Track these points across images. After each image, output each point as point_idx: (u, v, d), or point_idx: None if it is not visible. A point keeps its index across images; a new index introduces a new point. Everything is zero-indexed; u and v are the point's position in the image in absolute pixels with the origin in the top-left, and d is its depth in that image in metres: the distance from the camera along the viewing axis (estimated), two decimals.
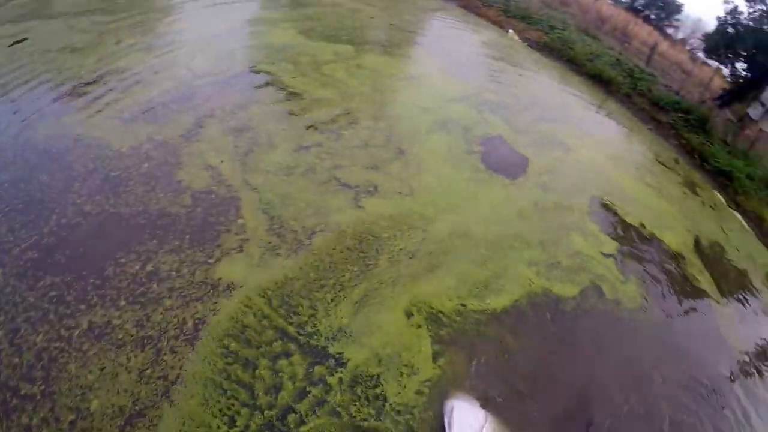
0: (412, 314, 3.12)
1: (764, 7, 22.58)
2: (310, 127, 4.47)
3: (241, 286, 2.87)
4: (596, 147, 7.10)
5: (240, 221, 3.26)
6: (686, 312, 4.69)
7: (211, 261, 2.97)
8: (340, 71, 5.73)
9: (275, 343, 2.67)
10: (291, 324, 2.78)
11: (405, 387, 2.71)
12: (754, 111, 9.77)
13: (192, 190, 3.39)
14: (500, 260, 3.84)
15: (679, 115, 10.15)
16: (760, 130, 9.88)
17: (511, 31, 11.76)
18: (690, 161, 9.02)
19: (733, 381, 4.18)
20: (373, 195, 3.91)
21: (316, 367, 2.63)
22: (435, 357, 2.93)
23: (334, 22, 7.83)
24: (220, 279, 2.88)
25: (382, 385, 2.68)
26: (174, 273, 2.85)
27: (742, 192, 8.74)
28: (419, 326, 3.06)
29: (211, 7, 7.33)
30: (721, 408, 3.81)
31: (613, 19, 26.22)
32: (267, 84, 5.10)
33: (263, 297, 2.86)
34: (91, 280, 2.74)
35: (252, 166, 3.78)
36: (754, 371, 4.51)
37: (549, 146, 5.97)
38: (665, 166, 8.00)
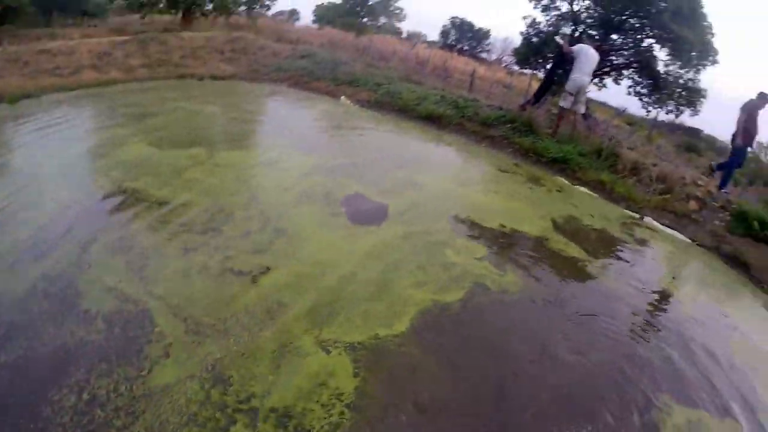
0: (330, 350, 3.59)
1: (558, 13, 26.03)
2: (189, 231, 4.86)
3: (176, 385, 3.18)
4: (444, 177, 8.12)
5: (157, 329, 3.57)
6: (565, 277, 5.58)
7: (144, 373, 3.24)
8: (200, 173, 6.17)
9: (220, 416, 3.00)
10: (229, 396, 3.14)
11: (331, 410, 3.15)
12: (564, 102, 11.46)
13: (102, 314, 3.65)
14: (391, 292, 4.43)
15: (507, 125, 11.62)
16: (574, 113, 11.55)
17: (343, 97, 12.92)
18: (528, 161, 10.41)
19: (635, 315, 5.06)
20: (266, 273, 4.36)
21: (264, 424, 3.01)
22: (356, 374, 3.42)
23: (180, 128, 8.32)
24: (157, 385, 3.17)
25: (307, 414, 3.10)
26: (113, 394, 3.10)
27: (579, 168, 10.24)
28: (339, 355, 3.55)
29: (42, 134, 7.52)
30: (631, 336, 4.64)
31: (431, 60, 28.70)
32: (137, 199, 5.42)
33: (200, 385, 3.19)
34: (31, 426, 2.85)
35: (150, 278, 4.11)
36: (644, 306, 5.42)
37: (403, 189, 6.80)
38: (507, 172, 9.23)
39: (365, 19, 50.32)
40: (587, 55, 11.41)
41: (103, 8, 32.97)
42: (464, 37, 77.30)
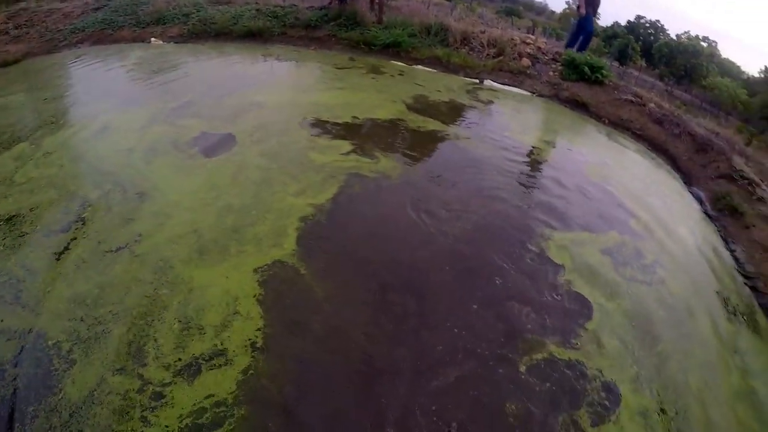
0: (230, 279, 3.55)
1: None
2: (50, 235, 4.33)
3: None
4: (283, 88, 7.89)
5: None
6: (430, 149, 5.89)
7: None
8: (34, 170, 5.23)
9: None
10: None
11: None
12: None
13: None
14: (271, 207, 4.36)
15: (331, 23, 11.38)
16: None
17: (152, 39, 11.68)
18: (361, 53, 10.38)
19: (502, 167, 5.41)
20: (140, 241, 4.05)
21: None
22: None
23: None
24: None
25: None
26: None
27: (413, 49, 10.47)
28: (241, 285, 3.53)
29: None
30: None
31: None
32: None
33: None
34: None
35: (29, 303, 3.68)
36: (507, 157, 5.82)
37: (245, 112, 6.46)
38: (346, 68, 9.18)
39: None
40: None
41: None
42: None
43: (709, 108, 36.26)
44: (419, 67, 9.97)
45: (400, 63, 10.02)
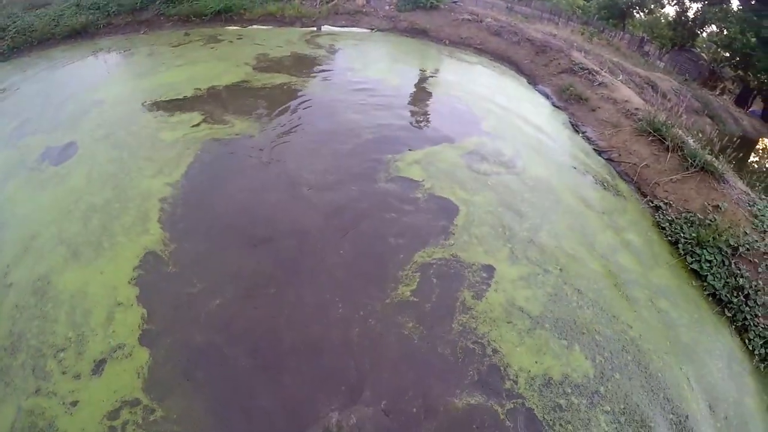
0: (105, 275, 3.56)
1: None
2: None
3: None
4: (120, 80, 7.57)
5: None
6: (282, 102, 5.96)
7: None
8: None
9: None
10: None
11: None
12: None
13: None
14: (132, 195, 4.34)
15: (158, 2, 10.85)
16: None
17: None
18: (196, 25, 10.16)
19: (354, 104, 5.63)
20: (16, 265, 3.87)
21: None
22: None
23: None
24: None
25: None
26: None
27: (245, 11, 10.58)
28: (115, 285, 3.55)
29: None
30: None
31: None
32: None
33: None
34: None
35: None
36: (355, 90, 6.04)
37: (83, 115, 6.15)
38: (181, 44, 8.98)
39: None
40: None
41: None
42: None
43: (549, 16, 38.29)
44: (255, 27, 9.85)
45: (235, 27, 9.85)
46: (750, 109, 37.84)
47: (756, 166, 7.54)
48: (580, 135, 6.81)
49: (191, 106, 5.93)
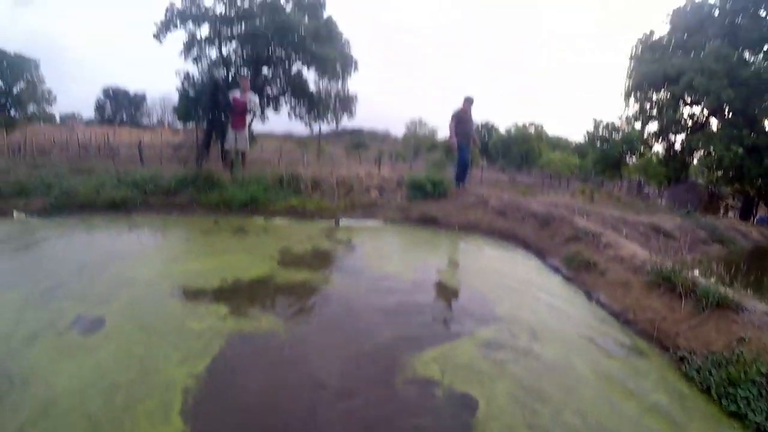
0: None
1: (209, 61, 27.07)
2: None
3: None
4: (152, 260, 8.21)
5: None
6: (304, 299, 6.30)
7: None
8: None
9: None
10: None
11: None
12: (227, 144, 12.99)
13: None
14: (157, 380, 4.59)
15: (190, 188, 12.15)
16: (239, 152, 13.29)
17: (15, 212, 11.55)
18: (224, 213, 11.28)
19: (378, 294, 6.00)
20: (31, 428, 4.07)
21: None
22: None
23: None
24: None
25: None
26: None
27: (269, 203, 11.84)
28: None
29: None
30: None
31: (94, 141, 27.30)
32: None
33: None
34: None
35: None
36: (376, 281, 6.45)
37: (118, 291, 6.61)
38: (211, 232, 9.89)
39: (13, 112, 44.74)
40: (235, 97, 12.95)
41: None
42: (121, 106, 74.58)
43: (549, 182, 41.63)
44: (278, 219, 10.89)
45: (260, 218, 10.85)
46: (757, 217, 38.66)
47: None
48: (594, 302, 7.10)
49: (219, 296, 6.36)
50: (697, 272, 7.12)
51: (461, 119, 12.94)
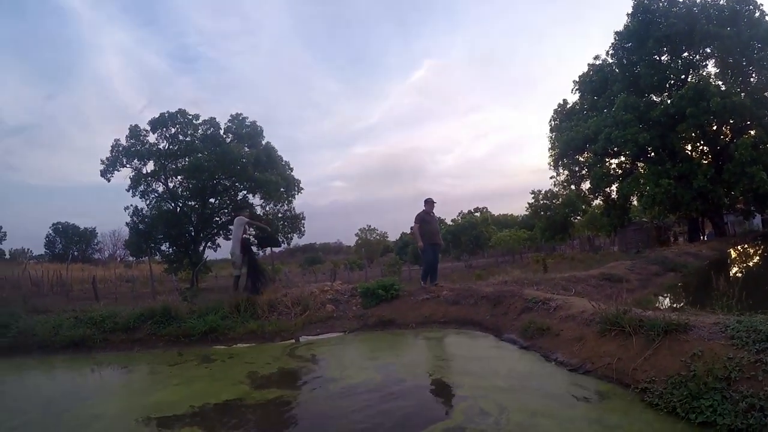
0: None
1: (156, 194, 28.10)
2: None
3: None
4: (119, 396, 8.65)
5: None
6: (278, 422, 6.63)
7: None
8: None
9: None
10: None
11: None
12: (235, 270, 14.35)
13: None
14: None
15: (149, 322, 12.53)
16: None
17: None
18: (186, 345, 11.70)
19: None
20: None
21: None
22: None
23: None
24: None
25: None
26: None
27: (229, 330, 12.07)
28: None
29: None
30: None
31: (45, 278, 27.33)
32: None
33: None
34: None
35: None
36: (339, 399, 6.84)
37: (86, 426, 6.83)
38: (177, 364, 10.21)
39: None
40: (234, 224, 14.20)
41: None
42: (72, 242, 74.72)
43: (503, 260, 43.58)
44: (240, 345, 11.34)
45: (222, 347, 11.30)
46: (707, 234, 42.80)
47: (724, 284, 8.11)
48: (553, 362, 7.57)
49: (191, 422, 6.64)
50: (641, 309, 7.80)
51: (425, 220, 13.71)
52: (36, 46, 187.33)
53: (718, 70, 40.40)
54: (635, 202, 43.31)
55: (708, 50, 39.30)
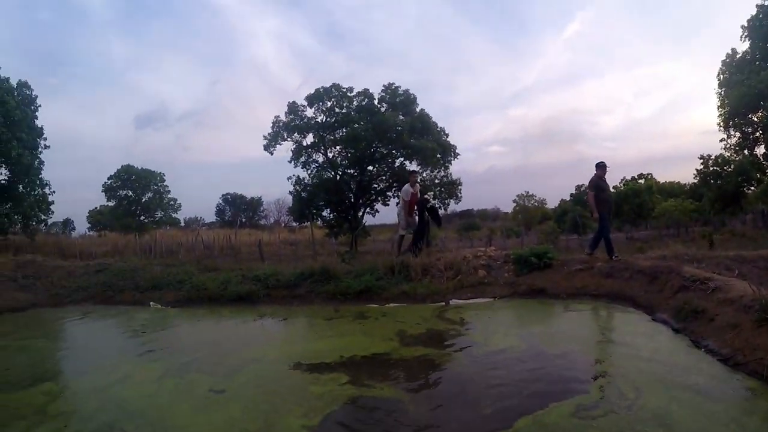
0: None
1: (317, 165, 29.64)
2: None
3: None
4: (277, 345, 9.40)
5: None
6: (428, 372, 6.90)
7: None
8: (65, 406, 6.64)
9: None
10: None
11: None
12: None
13: None
14: (281, 429, 5.40)
15: (308, 281, 13.67)
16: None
17: (152, 303, 13.80)
18: (342, 302, 12.43)
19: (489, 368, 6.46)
20: None
21: None
22: None
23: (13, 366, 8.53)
24: None
25: None
26: None
27: (382, 290, 12.70)
28: None
29: None
30: None
31: (217, 242, 30.09)
32: None
33: None
34: None
35: None
36: (487, 358, 6.95)
37: (244, 366, 7.69)
38: (333, 318, 11.00)
39: (142, 218, 51.45)
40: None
41: None
42: (240, 210, 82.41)
43: (666, 233, 38.70)
44: (392, 305, 11.79)
45: (375, 305, 11.82)
46: None
47: None
48: (702, 349, 6.94)
49: (340, 369, 7.15)
50: None
51: (600, 187, 12.81)
52: (193, 40, 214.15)
53: None
54: None
55: None
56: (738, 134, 39.47)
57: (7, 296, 15.26)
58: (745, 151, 40.64)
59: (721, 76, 40.03)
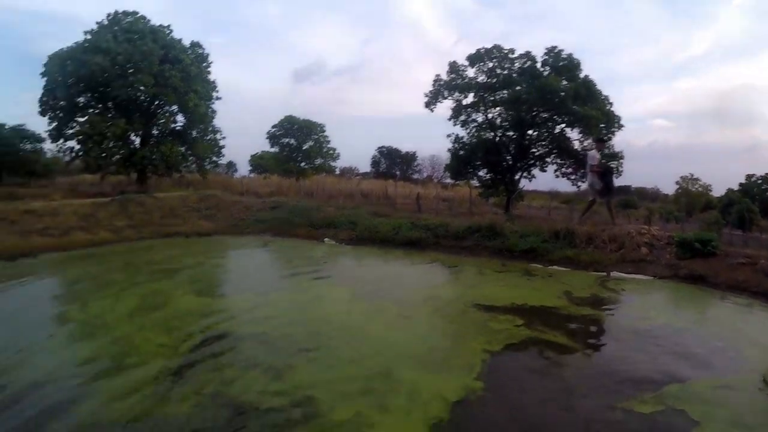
0: None
1: (476, 124, 30.38)
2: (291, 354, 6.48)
3: None
4: (451, 283, 11.10)
5: None
6: (589, 325, 7.77)
7: None
8: (271, 311, 7.33)
9: None
10: None
11: None
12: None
13: None
14: (466, 346, 6.47)
15: (476, 234, 14.77)
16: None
17: (326, 239, 15.69)
18: (505, 258, 13.44)
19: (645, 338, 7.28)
20: (372, 357, 5.96)
21: None
22: None
23: (217, 278, 8.96)
24: None
25: None
26: None
27: (547, 252, 13.52)
28: None
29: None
30: None
31: (374, 192, 32.10)
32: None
33: None
34: None
35: None
36: (647, 331, 7.73)
37: (426, 300, 9.10)
38: (502, 271, 11.99)
39: (302, 164, 55.79)
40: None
41: (50, 168, 36.10)
42: (394, 163, 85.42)
43: None
44: (555, 267, 12.64)
45: (538, 265, 12.75)
46: None
47: None
48: None
49: (514, 313, 8.20)
50: None
51: None
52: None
53: None
54: None
55: None
56: None
57: (193, 223, 18.39)
58: None
59: None
